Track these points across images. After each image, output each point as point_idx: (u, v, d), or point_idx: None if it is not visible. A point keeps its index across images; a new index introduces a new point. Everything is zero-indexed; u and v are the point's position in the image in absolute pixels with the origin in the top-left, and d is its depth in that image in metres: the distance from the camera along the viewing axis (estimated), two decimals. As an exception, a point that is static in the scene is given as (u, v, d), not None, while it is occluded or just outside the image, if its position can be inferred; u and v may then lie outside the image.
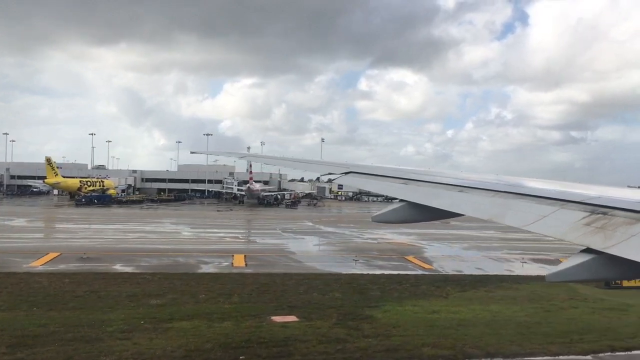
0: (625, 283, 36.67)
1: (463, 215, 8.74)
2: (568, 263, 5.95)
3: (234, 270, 38.19)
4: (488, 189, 8.96)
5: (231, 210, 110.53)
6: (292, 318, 25.12)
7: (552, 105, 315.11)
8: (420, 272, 40.49)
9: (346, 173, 13.33)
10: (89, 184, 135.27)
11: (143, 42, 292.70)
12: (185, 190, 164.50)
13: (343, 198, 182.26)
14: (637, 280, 37.32)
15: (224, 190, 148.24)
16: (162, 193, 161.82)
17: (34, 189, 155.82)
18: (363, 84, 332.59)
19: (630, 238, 5.58)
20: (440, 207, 9.01)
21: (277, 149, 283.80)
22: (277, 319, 24.88)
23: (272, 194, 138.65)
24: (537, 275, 40.31)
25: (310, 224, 79.07)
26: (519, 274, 41.18)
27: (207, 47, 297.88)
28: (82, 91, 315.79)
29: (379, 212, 10.69)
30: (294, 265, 41.70)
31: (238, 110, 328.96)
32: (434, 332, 23.76)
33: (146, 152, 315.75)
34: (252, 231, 66.81)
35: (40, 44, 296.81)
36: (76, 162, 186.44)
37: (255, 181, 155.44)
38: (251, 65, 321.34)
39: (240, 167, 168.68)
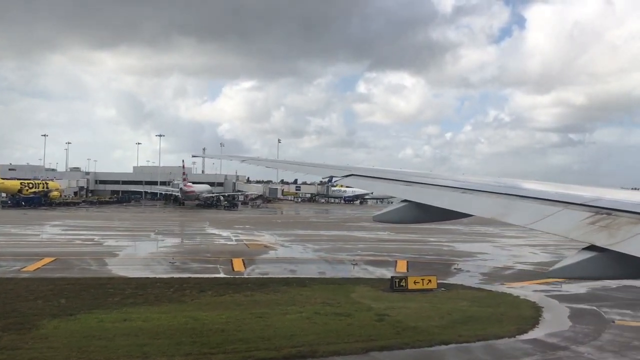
0: (411, 286, 34.94)
1: (467, 215, 9.08)
2: (569, 260, 5.97)
3: (10, 275, 36.41)
4: (491, 192, 9.30)
5: (161, 212, 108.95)
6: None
7: (550, 108, 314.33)
8: (219, 275, 38.79)
9: (347, 176, 13.78)
10: (30, 185, 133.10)
11: (143, 46, 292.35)
12: (139, 192, 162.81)
13: (299, 200, 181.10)
14: (425, 283, 35.62)
15: (167, 192, 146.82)
16: (115, 195, 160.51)
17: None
18: (361, 87, 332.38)
19: (636, 236, 5.68)
20: (444, 207, 9.35)
21: (276, 151, 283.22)
22: None
23: (213, 195, 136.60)
24: (341, 277, 38.68)
25: (206, 225, 77.40)
26: (328, 276, 39.42)
27: (207, 50, 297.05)
28: (81, 94, 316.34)
29: (380, 212, 10.82)
30: (91, 269, 39.80)
31: (237, 113, 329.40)
32: (70, 343, 21.98)
33: (145, 156, 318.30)
34: (123, 233, 64.83)
35: (40, 47, 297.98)
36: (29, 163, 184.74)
37: (199, 182, 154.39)
38: (250, 68, 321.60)
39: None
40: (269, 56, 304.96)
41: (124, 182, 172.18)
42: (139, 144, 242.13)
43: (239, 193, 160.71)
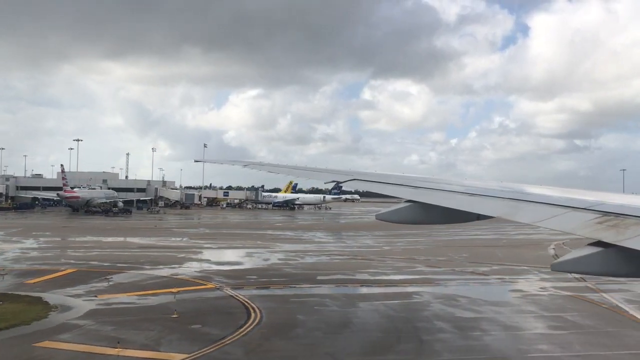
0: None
1: (472, 217, 9.32)
2: (574, 254, 6.05)
3: None
4: (496, 196, 9.45)
5: (25, 219, 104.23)
6: None
7: (554, 114, 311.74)
8: None
9: (350, 180, 13.97)
10: None
11: (150, 56, 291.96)
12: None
13: (225, 205, 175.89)
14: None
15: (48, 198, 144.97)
16: (36, 201, 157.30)
17: None
18: (366, 94, 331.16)
19: None
20: (453, 207, 9.46)
21: (282, 158, 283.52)
22: None
23: (108, 201, 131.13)
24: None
25: (15, 231, 72.49)
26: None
27: (213, 59, 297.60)
28: (90, 103, 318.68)
29: (383, 211, 10.83)
30: None
31: (243, 120, 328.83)
32: None
33: (151, 163, 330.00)
34: None
35: (51, 58, 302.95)
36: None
37: (117, 188, 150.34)
38: (256, 77, 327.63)
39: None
40: (275, 65, 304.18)
41: (45, 189, 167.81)
42: (71, 149, 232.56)
43: (163, 199, 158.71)
